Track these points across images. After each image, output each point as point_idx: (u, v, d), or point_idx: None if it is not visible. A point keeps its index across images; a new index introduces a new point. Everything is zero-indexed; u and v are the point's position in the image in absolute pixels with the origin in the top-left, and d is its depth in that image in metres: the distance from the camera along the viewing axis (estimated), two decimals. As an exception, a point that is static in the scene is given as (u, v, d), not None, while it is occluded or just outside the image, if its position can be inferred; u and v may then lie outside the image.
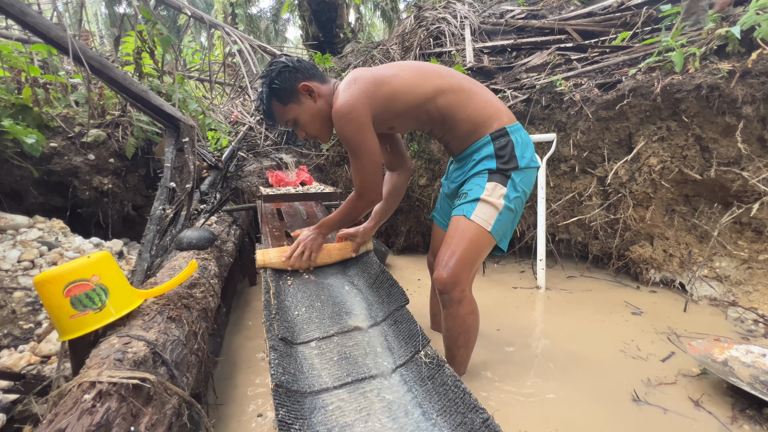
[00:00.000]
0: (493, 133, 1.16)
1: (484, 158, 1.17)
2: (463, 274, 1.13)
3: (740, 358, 1.20)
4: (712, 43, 1.68)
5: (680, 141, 1.77)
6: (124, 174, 2.16)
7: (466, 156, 1.24)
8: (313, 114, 1.18)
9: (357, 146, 1.13)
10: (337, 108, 1.11)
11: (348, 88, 1.12)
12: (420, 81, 1.17)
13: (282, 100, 1.17)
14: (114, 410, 0.66)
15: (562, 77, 2.16)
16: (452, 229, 1.17)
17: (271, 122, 1.25)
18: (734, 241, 1.75)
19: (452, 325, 1.20)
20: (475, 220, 1.12)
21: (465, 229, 1.13)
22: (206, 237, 1.61)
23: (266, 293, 1.35)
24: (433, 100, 1.16)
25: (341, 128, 1.12)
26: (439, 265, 1.14)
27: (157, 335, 0.89)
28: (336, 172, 3.10)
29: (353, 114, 1.10)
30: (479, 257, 1.16)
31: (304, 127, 1.20)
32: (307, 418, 0.94)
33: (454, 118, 1.17)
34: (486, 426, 0.84)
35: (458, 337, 1.21)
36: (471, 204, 1.14)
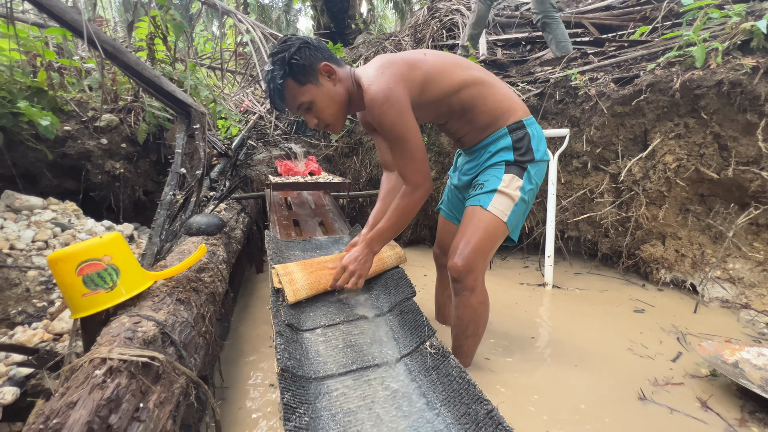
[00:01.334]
0: (510, 126, 1.16)
1: (501, 150, 1.17)
2: (477, 262, 1.13)
3: (752, 361, 1.17)
4: (735, 38, 1.63)
5: (698, 139, 1.73)
6: (135, 159, 2.18)
7: (480, 148, 1.22)
8: (331, 98, 1.09)
9: (401, 133, 1.05)
10: (374, 93, 1.03)
11: (382, 73, 1.05)
12: (448, 70, 1.12)
13: (299, 79, 1.06)
14: (124, 386, 0.67)
15: (578, 71, 2.11)
16: (468, 219, 1.15)
17: (281, 105, 1.10)
18: (750, 242, 1.71)
19: (463, 314, 1.19)
20: (492, 210, 1.13)
21: (481, 219, 1.13)
22: (215, 223, 1.62)
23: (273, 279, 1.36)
24: (458, 92, 1.13)
25: (382, 115, 1.03)
26: (454, 253, 1.13)
27: (167, 316, 0.90)
28: (345, 163, 3.09)
29: (393, 98, 1.03)
30: (493, 247, 1.17)
31: (320, 112, 1.10)
32: (311, 402, 0.95)
33: (474, 111, 1.15)
34: (490, 417, 0.84)
35: (468, 326, 1.20)
36: (488, 195, 1.14)
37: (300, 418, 0.87)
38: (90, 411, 0.60)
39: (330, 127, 1.15)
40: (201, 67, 3.01)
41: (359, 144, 3.08)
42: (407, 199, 1.12)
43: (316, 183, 2.51)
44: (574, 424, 1.06)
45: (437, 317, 1.62)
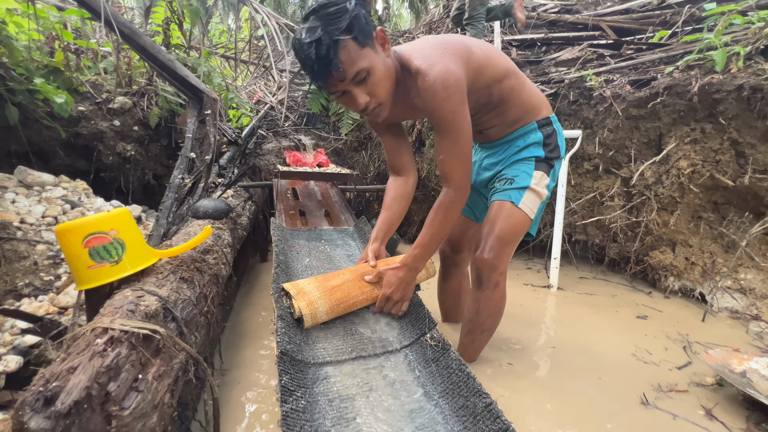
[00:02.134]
0: (539, 121, 1.15)
1: (531, 145, 1.15)
2: (504, 257, 1.12)
3: (760, 371, 1.14)
4: (758, 43, 1.59)
5: (714, 144, 1.69)
6: (146, 142, 2.20)
7: (506, 142, 1.19)
8: (387, 69, 0.92)
9: (459, 125, 0.95)
10: (437, 76, 0.90)
11: (442, 53, 0.93)
12: (494, 57, 1.06)
13: (359, 40, 0.87)
14: (124, 356, 0.67)
15: (593, 72, 2.08)
16: (497, 213, 1.13)
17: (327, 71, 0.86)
18: (763, 252, 1.67)
19: (484, 308, 1.17)
20: (522, 207, 1.12)
21: (511, 215, 1.11)
22: (222, 208, 1.63)
23: (276, 267, 1.36)
24: (500, 81, 1.07)
25: (443, 101, 0.92)
26: (483, 248, 1.10)
27: (169, 293, 0.91)
28: (354, 157, 3.09)
29: (457, 84, 0.92)
30: (518, 243, 1.17)
31: (376, 85, 0.91)
32: (309, 387, 0.94)
33: (509, 103, 1.11)
34: (488, 410, 0.83)
35: (486, 320, 1.19)
36: (519, 191, 1.12)
37: (297, 401, 0.87)
38: (89, 377, 0.60)
39: (379, 108, 0.95)
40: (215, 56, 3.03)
41: (368, 139, 3.07)
42: (448, 205, 1.02)
43: (324, 173, 2.51)
44: (575, 426, 1.04)
45: (444, 319, 1.57)
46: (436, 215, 1.04)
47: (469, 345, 1.25)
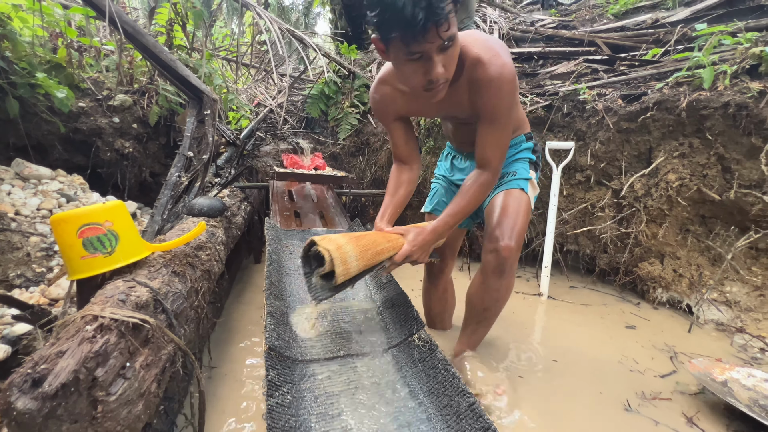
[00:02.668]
0: (526, 134, 1.27)
1: (524, 150, 1.25)
2: (521, 242, 1.14)
3: (741, 381, 1.17)
4: (744, 62, 1.65)
5: (702, 159, 1.73)
6: (145, 140, 2.21)
7: None
8: (456, 42, 0.88)
9: (508, 119, 1.02)
10: (504, 68, 0.93)
11: (502, 47, 0.97)
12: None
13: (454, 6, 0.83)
14: (113, 343, 0.68)
15: (587, 86, 2.13)
16: (508, 200, 1.16)
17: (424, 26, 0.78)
18: (748, 266, 1.71)
19: (504, 295, 1.17)
20: (530, 195, 1.19)
21: (521, 202, 1.16)
22: (217, 206, 1.65)
23: (269, 265, 1.37)
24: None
25: (505, 95, 0.96)
26: (504, 236, 1.10)
27: (161, 285, 0.92)
28: (351, 162, 3.12)
29: (516, 82, 0.98)
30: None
31: (452, 57, 0.88)
32: (296, 383, 0.95)
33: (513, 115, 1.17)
34: (471, 409, 0.84)
35: (500, 307, 1.20)
36: (524, 181, 1.19)
37: (283, 396, 0.88)
38: (78, 361, 0.61)
39: (443, 85, 0.91)
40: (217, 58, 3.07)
41: (366, 144, 3.10)
42: (483, 185, 1.08)
43: (319, 175, 2.54)
44: (558, 429, 1.06)
45: (430, 325, 1.57)
46: (472, 189, 1.08)
47: (481, 333, 1.26)
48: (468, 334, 1.26)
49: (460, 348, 1.28)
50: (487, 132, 1.03)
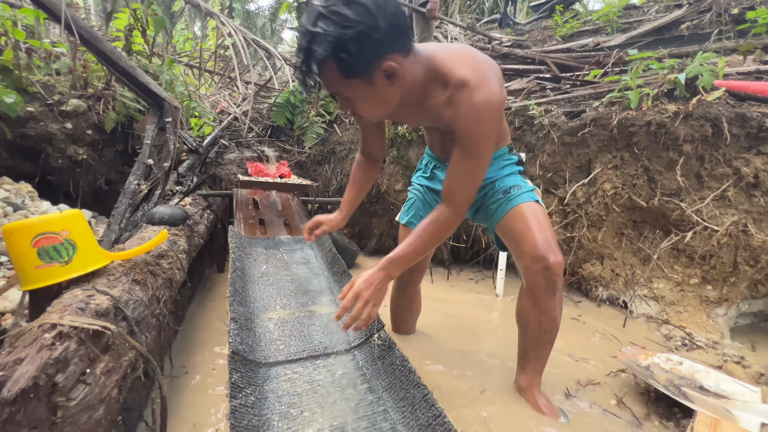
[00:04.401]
0: (509, 146, 1.25)
1: (510, 163, 1.22)
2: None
3: (661, 365, 1.33)
4: (663, 86, 1.89)
5: (631, 170, 1.95)
6: (100, 147, 2.14)
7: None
8: (380, 99, 0.89)
9: (485, 151, 0.95)
10: (489, 96, 0.88)
11: (491, 71, 0.92)
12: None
13: (346, 73, 0.82)
14: (72, 350, 0.70)
15: (535, 102, 2.33)
16: (534, 214, 1.10)
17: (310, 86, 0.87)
18: (671, 265, 1.93)
19: (557, 315, 1.12)
20: (542, 204, 1.16)
21: (542, 213, 1.12)
22: (179, 215, 1.64)
23: (233, 272, 1.39)
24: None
25: (484, 124, 0.90)
26: (550, 252, 1.04)
27: (121, 293, 0.93)
28: (316, 170, 3.16)
29: (500, 111, 0.93)
30: None
31: (359, 108, 0.91)
32: (259, 385, 0.99)
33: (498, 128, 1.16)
34: (425, 400, 0.92)
35: (557, 325, 1.14)
36: (531, 193, 1.16)
37: (246, 398, 0.91)
38: (37, 367, 0.62)
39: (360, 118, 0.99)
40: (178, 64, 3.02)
41: (332, 153, 3.16)
42: (443, 223, 1.00)
43: (284, 183, 2.55)
44: (504, 414, 1.16)
45: (394, 329, 1.61)
46: (428, 228, 1.00)
47: (545, 358, 1.19)
48: (533, 363, 1.19)
49: (529, 380, 1.20)
50: (461, 160, 0.96)
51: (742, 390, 1.21)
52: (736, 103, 1.75)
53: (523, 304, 1.18)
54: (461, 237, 2.60)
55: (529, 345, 1.19)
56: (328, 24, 0.77)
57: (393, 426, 0.90)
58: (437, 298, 2.14)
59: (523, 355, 1.22)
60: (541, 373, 1.22)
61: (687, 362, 1.34)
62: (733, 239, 1.73)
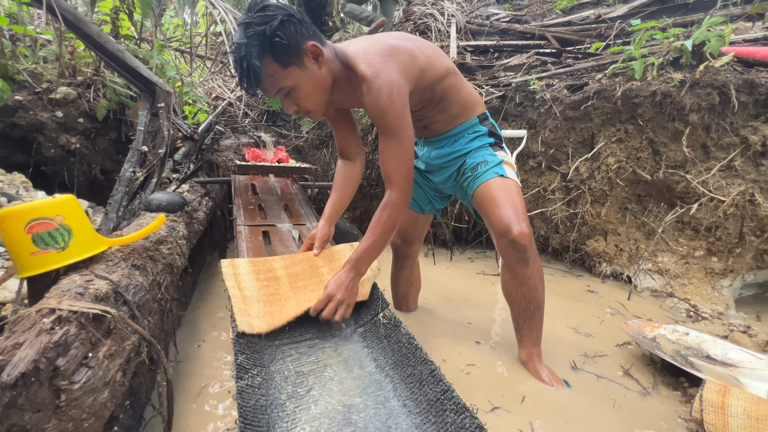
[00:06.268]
0: (479, 116, 1.26)
1: (479, 136, 1.25)
2: (530, 226, 1.13)
3: (667, 336, 1.33)
4: (669, 55, 1.83)
5: (635, 143, 1.91)
6: (93, 136, 2.10)
7: (452, 135, 1.26)
8: (316, 83, 0.99)
9: (401, 128, 1.01)
10: (382, 84, 0.96)
11: (386, 61, 0.99)
12: (436, 58, 1.12)
13: (282, 61, 0.93)
14: (73, 334, 0.68)
15: (536, 77, 2.27)
16: (498, 190, 1.13)
17: (254, 88, 0.96)
18: (676, 238, 1.91)
19: (537, 282, 1.16)
20: (511, 177, 1.17)
21: (510, 186, 1.14)
22: (177, 201, 1.61)
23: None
24: (441, 80, 1.14)
25: (387, 106, 0.97)
26: (513, 224, 1.08)
27: (121, 278, 0.91)
28: (315, 155, 3.11)
29: (400, 91, 0.98)
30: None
31: (302, 99, 0.99)
32: (265, 366, 0.98)
33: (450, 99, 1.19)
34: (432, 375, 0.91)
35: (541, 292, 1.18)
36: (498, 167, 1.18)
37: (253, 378, 0.91)
38: (37, 351, 0.61)
39: (310, 114, 1.06)
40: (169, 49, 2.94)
41: (330, 137, 3.11)
42: (393, 207, 1.04)
43: (282, 167, 2.52)
44: (511, 386, 1.16)
45: (396, 306, 1.63)
46: (381, 217, 1.05)
47: (538, 326, 1.22)
48: (527, 334, 1.22)
49: (528, 353, 1.23)
50: (384, 145, 1.03)
51: (749, 358, 1.21)
52: (744, 70, 1.70)
53: (504, 278, 1.22)
54: (463, 218, 2.58)
55: (519, 317, 1.22)
56: (255, 26, 0.91)
57: (402, 402, 0.89)
58: (440, 277, 2.14)
59: (518, 329, 1.25)
60: (538, 344, 1.24)
61: (693, 333, 1.34)
62: (740, 209, 1.71)
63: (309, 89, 0.99)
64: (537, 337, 1.23)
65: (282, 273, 1.20)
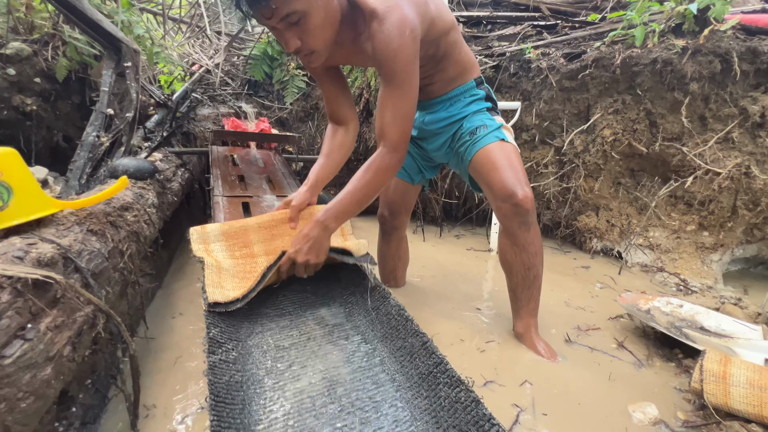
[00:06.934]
0: (476, 79, 1.19)
1: (477, 99, 1.19)
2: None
3: (661, 308, 1.30)
4: (671, 21, 1.75)
5: (632, 115, 1.85)
6: (53, 98, 1.91)
7: (448, 98, 1.19)
8: (327, 15, 0.86)
9: (409, 77, 0.91)
10: (395, 21, 0.86)
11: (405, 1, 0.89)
12: (444, 10, 1.03)
13: None
14: (6, 302, 0.58)
15: (532, 45, 2.17)
16: (499, 153, 1.07)
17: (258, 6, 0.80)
18: (668, 213, 1.89)
19: (538, 249, 1.11)
20: (511, 141, 1.13)
21: (510, 151, 1.09)
22: (146, 168, 1.48)
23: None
24: (446, 34, 1.05)
25: (399, 48, 0.87)
26: (517, 188, 1.02)
27: (72, 243, 0.80)
28: (299, 127, 2.97)
29: (414, 35, 0.88)
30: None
31: (310, 32, 0.86)
32: (242, 340, 0.90)
33: (451, 58, 1.11)
34: (424, 348, 0.84)
35: (540, 260, 1.14)
36: (498, 131, 1.13)
37: (227, 353, 0.83)
38: (-46, 319, 0.51)
39: (313, 56, 0.91)
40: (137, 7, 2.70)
41: (315, 109, 2.96)
42: (381, 167, 0.94)
43: (263, 134, 2.38)
44: (505, 359, 1.11)
45: (384, 281, 1.56)
46: (365, 175, 0.95)
47: (536, 297, 1.17)
48: (525, 304, 1.17)
49: (524, 324, 1.19)
50: (386, 95, 0.93)
51: (742, 329, 1.19)
52: (747, 37, 1.64)
53: (503, 246, 1.16)
54: (453, 193, 2.51)
55: (517, 286, 1.17)
56: None
57: (391, 376, 0.83)
58: (430, 253, 2.08)
59: (515, 299, 1.21)
60: (535, 315, 1.20)
61: (687, 305, 1.31)
62: (735, 182, 1.68)
63: (320, 20, 0.85)
64: (535, 308, 1.18)
65: (259, 248, 1.08)
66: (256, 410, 0.72)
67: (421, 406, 0.74)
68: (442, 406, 0.71)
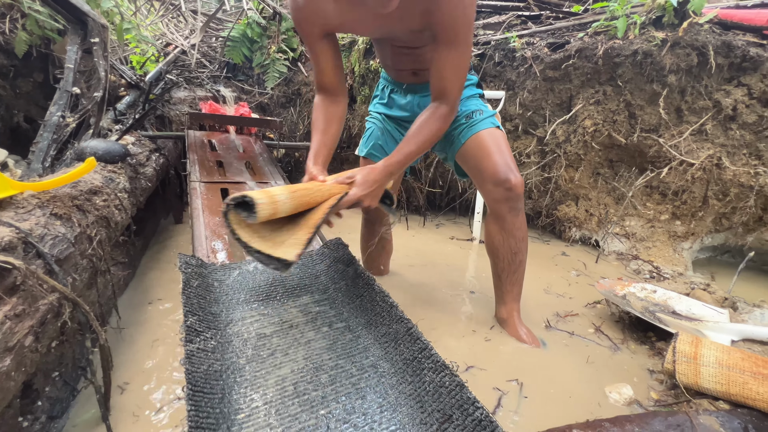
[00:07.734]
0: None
1: (471, 84, 1.21)
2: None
3: (636, 294, 1.34)
4: (652, 13, 1.78)
5: (613, 105, 1.88)
6: (12, 76, 1.77)
7: None
8: None
9: (469, 39, 0.93)
10: None
11: None
12: None
13: None
14: (-43, 289, 0.53)
15: (517, 34, 2.16)
16: (493, 140, 1.11)
17: None
18: (644, 202, 1.95)
19: (524, 235, 1.14)
20: (502, 129, 1.17)
21: (501, 138, 1.13)
22: (116, 150, 1.40)
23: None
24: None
25: (465, 8, 0.87)
26: (510, 173, 1.06)
27: (34, 227, 0.75)
28: (280, 113, 2.88)
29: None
30: None
31: None
32: (221, 329, 0.87)
33: None
34: (409, 334, 0.84)
35: (526, 246, 1.16)
36: (492, 118, 1.16)
37: (206, 342, 0.80)
38: None
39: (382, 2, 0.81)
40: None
41: (297, 94, 2.88)
42: (443, 120, 0.98)
43: (241, 118, 2.30)
44: (487, 345, 1.12)
45: (369, 270, 1.55)
46: (429, 125, 0.98)
47: (520, 282, 1.19)
48: (509, 289, 1.19)
49: (508, 310, 1.20)
50: (446, 56, 0.93)
51: (711, 313, 1.24)
52: (722, 32, 1.68)
53: (490, 230, 1.18)
54: (437, 182, 2.51)
55: (502, 271, 1.19)
56: None
57: (374, 362, 0.82)
58: (413, 242, 2.08)
59: (499, 284, 1.23)
60: (518, 300, 1.22)
61: (660, 290, 1.36)
62: (707, 173, 1.74)
63: None
64: (518, 293, 1.21)
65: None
66: (236, 399, 0.70)
67: (405, 392, 0.73)
68: (427, 391, 0.71)
